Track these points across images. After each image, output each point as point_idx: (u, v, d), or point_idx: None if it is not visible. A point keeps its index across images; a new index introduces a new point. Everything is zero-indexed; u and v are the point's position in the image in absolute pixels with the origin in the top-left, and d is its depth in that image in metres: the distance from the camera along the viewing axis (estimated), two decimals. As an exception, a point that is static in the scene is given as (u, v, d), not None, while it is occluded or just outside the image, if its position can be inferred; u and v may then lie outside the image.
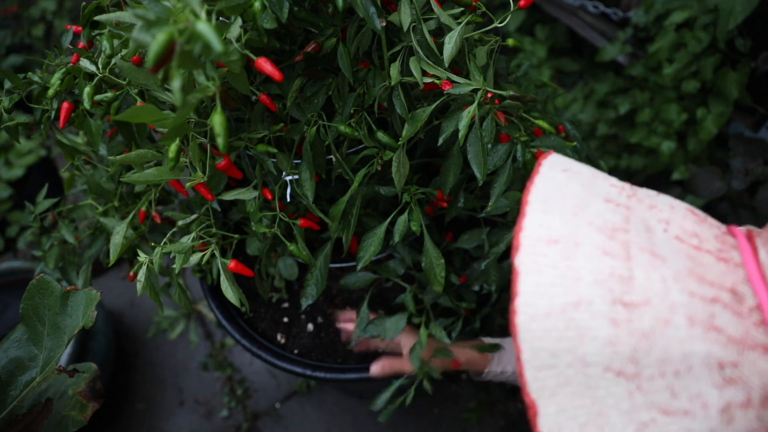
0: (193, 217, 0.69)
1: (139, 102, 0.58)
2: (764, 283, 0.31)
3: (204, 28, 0.31)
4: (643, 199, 0.36)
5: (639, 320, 0.30)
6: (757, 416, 0.29)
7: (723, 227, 0.35)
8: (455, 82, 0.53)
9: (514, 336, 0.31)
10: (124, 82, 0.57)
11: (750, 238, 0.34)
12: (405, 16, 0.52)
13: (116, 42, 0.55)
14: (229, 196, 0.64)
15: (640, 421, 0.30)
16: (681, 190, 1.38)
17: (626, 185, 0.38)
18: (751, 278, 0.31)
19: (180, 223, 0.69)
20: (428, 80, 0.54)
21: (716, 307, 0.30)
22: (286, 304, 0.94)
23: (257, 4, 0.45)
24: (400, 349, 0.79)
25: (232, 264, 0.65)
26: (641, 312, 0.30)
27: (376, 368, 0.78)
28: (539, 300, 0.31)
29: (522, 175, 0.68)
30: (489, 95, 0.54)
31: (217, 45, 0.31)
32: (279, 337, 0.90)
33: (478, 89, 0.53)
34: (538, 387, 0.31)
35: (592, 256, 0.32)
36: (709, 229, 0.34)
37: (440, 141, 0.55)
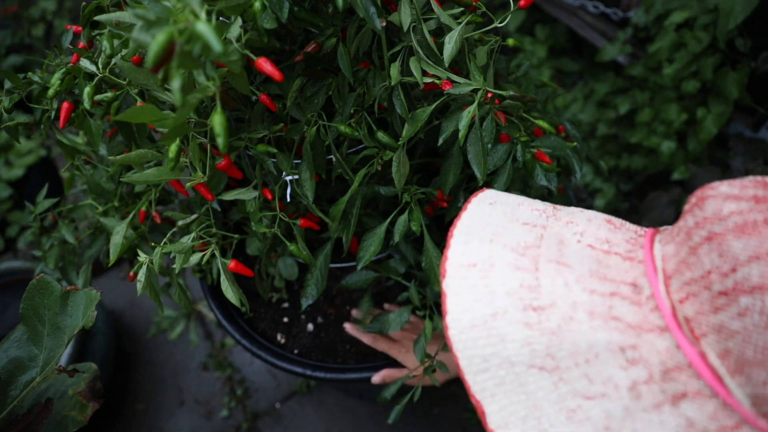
0: (193, 217, 0.69)
1: (139, 102, 0.58)
2: (655, 273, 0.35)
3: (204, 28, 0.31)
4: (562, 217, 0.41)
5: (547, 320, 0.35)
6: (660, 389, 0.32)
7: (641, 231, 0.40)
8: (455, 82, 0.53)
9: (450, 348, 0.36)
10: (124, 82, 0.57)
11: (653, 236, 0.38)
12: (405, 16, 0.52)
13: (116, 42, 0.55)
14: (229, 196, 0.64)
15: (569, 408, 0.33)
16: (681, 190, 1.38)
17: (549, 207, 0.43)
18: (647, 271, 0.35)
19: (180, 223, 0.69)
20: (428, 80, 0.54)
21: (615, 299, 0.35)
22: (286, 304, 0.94)
23: (257, 4, 0.45)
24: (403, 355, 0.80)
25: (232, 264, 0.65)
26: (548, 313, 0.35)
27: (377, 378, 0.80)
28: (464, 315, 0.36)
29: (522, 175, 0.68)
30: (489, 95, 0.54)
31: (216, 45, 0.31)
32: (279, 337, 0.90)
33: (478, 89, 0.53)
34: (479, 389, 0.35)
35: (504, 272, 0.37)
36: (623, 234, 0.39)
37: (440, 141, 0.55)
